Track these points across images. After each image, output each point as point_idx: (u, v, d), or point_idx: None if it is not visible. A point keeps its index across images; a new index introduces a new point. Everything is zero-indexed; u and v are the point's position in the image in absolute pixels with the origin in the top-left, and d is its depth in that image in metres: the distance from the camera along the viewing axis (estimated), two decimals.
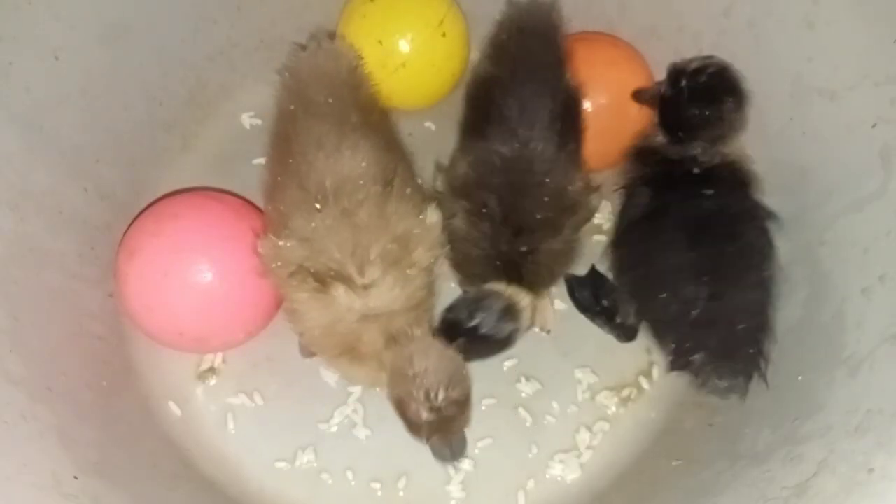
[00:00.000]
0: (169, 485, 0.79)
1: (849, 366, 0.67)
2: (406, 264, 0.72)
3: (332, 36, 0.91)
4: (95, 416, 0.75)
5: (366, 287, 0.70)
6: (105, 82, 0.82)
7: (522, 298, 0.77)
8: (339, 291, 0.70)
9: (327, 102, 0.78)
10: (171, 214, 0.80)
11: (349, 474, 0.82)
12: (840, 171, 0.75)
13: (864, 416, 0.62)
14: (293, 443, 0.82)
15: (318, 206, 0.72)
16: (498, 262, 0.77)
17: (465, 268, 0.81)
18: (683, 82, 0.79)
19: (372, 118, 0.81)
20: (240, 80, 0.97)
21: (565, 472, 0.82)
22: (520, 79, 0.78)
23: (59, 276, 0.78)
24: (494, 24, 0.84)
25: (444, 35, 0.90)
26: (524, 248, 0.76)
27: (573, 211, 0.78)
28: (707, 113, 0.78)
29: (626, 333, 0.84)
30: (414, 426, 0.71)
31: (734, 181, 0.79)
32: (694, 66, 0.79)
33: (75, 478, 0.67)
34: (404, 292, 0.72)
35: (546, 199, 0.76)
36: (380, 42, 0.89)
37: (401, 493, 0.81)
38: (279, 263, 0.72)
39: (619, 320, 0.84)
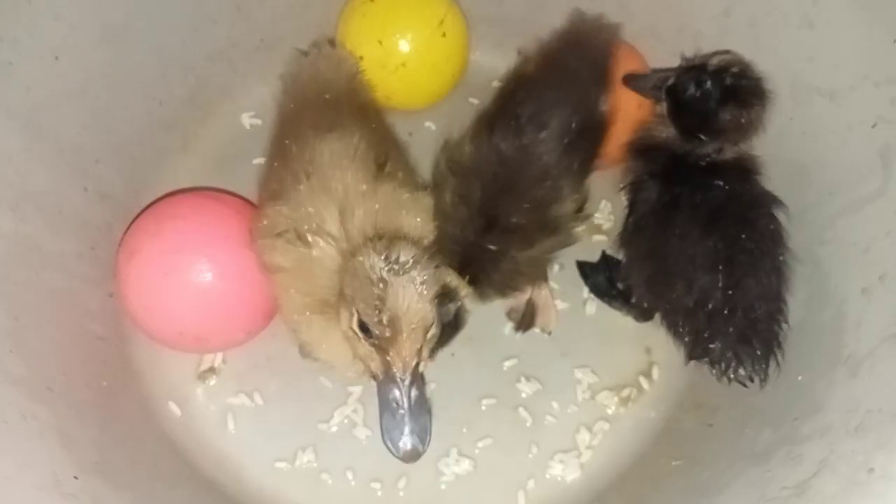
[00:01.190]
0: (169, 485, 0.78)
1: (849, 366, 0.67)
2: (393, 228, 0.71)
3: (333, 42, 0.91)
4: (95, 416, 0.75)
5: (347, 240, 0.70)
6: (105, 82, 0.82)
7: (452, 278, 0.75)
8: (319, 244, 0.69)
9: (324, 98, 0.80)
10: (171, 214, 0.80)
11: (349, 474, 0.82)
12: (840, 171, 0.75)
13: (864, 416, 0.62)
14: (293, 443, 0.82)
15: (310, 169, 0.73)
16: (458, 248, 0.75)
17: (437, 244, 0.79)
18: (708, 83, 0.77)
19: (368, 117, 0.82)
20: (240, 80, 0.97)
21: (565, 472, 0.82)
22: (546, 83, 0.77)
23: (59, 276, 0.78)
24: (553, 33, 0.83)
25: (444, 35, 0.90)
26: (491, 247, 0.75)
27: (551, 231, 0.77)
28: (742, 120, 0.76)
29: (644, 314, 0.85)
30: (367, 304, 0.62)
31: (741, 170, 0.78)
32: (715, 64, 0.78)
33: (75, 478, 0.67)
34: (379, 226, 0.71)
35: (526, 206, 0.74)
36: (380, 42, 0.89)
37: (401, 493, 0.81)
38: (265, 222, 0.73)
39: (635, 301, 0.84)
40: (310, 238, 0.70)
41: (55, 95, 0.77)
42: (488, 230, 0.75)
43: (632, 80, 0.84)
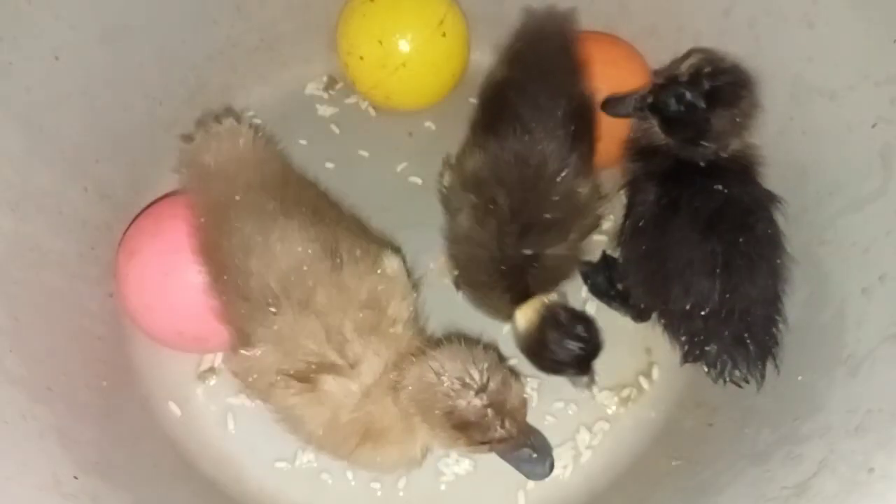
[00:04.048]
0: (169, 485, 0.79)
1: (849, 366, 0.67)
2: (386, 324, 0.69)
3: (218, 118, 0.83)
4: (95, 416, 0.75)
5: (353, 366, 0.67)
6: (105, 82, 0.82)
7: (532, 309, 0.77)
8: (329, 382, 0.66)
9: (235, 201, 0.72)
10: (170, 215, 0.80)
11: (349, 474, 0.81)
12: (840, 171, 0.75)
13: (864, 416, 0.62)
14: (293, 443, 0.82)
15: (272, 309, 0.67)
16: (503, 267, 0.76)
17: (470, 272, 0.80)
18: (688, 95, 0.74)
19: (288, 193, 0.74)
20: (240, 80, 0.97)
21: (565, 472, 0.82)
22: (535, 80, 0.78)
23: (59, 276, 0.78)
24: (512, 33, 0.85)
25: (444, 35, 0.90)
26: (529, 252, 0.76)
27: (582, 214, 0.78)
28: (737, 119, 0.75)
29: (642, 314, 0.85)
30: (480, 426, 0.64)
31: (740, 168, 0.78)
32: (686, 72, 0.75)
33: (75, 478, 0.67)
34: (393, 353, 0.68)
35: (556, 198, 0.76)
36: (380, 42, 0.89)
37: (401, 494, 0.81)
38: (255, 376, 0.69)
39: (633, 302, 0.84)
40: (315, 379, 0.66)
41: (55, 95, 0.77)
42: (525, 234, 0.75)
43: (611, 107, 0.82)
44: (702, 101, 0.74)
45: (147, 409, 0.83)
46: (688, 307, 0.75)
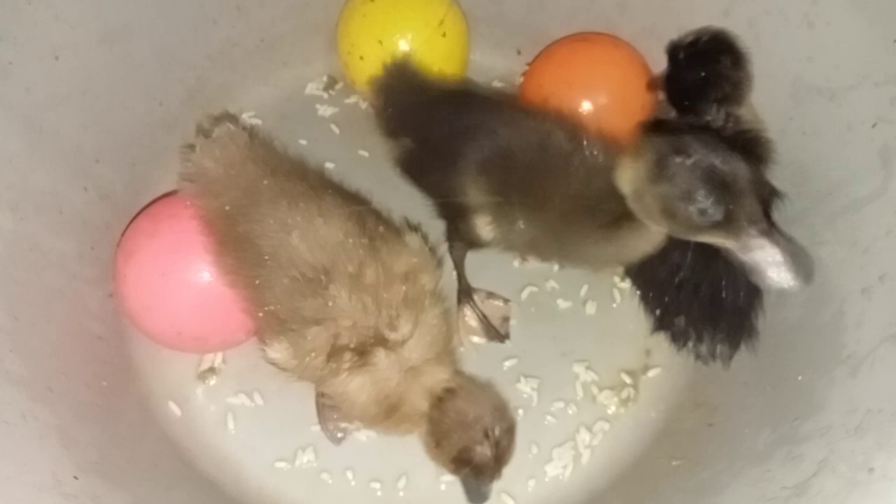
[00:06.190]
0: (169, 485, 0.79)
1: (849, 366, 0.67)
2: (421, 298, 0.71)
3: (215, 121, 0.84)
4: (95, 416, 0.75)
5: (403, 341, 0.69)
6: (105, 82, 0.82)
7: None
8: (380, 356, 0.68)
9: (264, 184, 0.74)
10: (168, 214, 0.80)
11: (349, 474, 0.82)
12: (840, 171, 0.75)
13: (864, 415, 0.62)
14: (293, 443, 0.82)
15: (320, 286, 0.68)
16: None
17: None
18: (681, 55, 0.80)
19: (311, 178, 0.77)
20: (240, 80, 0.97)
21: (565, 472, 0.82)
22: (460, 117, 0.78)
23: (59, 276, 0.78)
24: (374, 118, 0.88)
25: (444, 35, 0.90)
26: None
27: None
28: (703, 74, 0.78)
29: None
30: (478, 468, 0.71)
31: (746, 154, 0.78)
32: (689, 38, 0.80)
33: (75, 478, 0.67)
34: (429, 328, 0.70)
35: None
36: (380, 42, 0.89)
37: (401, 493, 0.81)
38: (312, 355, 0.69)
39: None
40: (369, 352, 0.68)
41: (55, 95, 0.77)
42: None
43: (652, 85, 0.86)
44: (685, 61, 0.80)
45: (147, 409, 0.83)
46: (662, 277, 0.77)
